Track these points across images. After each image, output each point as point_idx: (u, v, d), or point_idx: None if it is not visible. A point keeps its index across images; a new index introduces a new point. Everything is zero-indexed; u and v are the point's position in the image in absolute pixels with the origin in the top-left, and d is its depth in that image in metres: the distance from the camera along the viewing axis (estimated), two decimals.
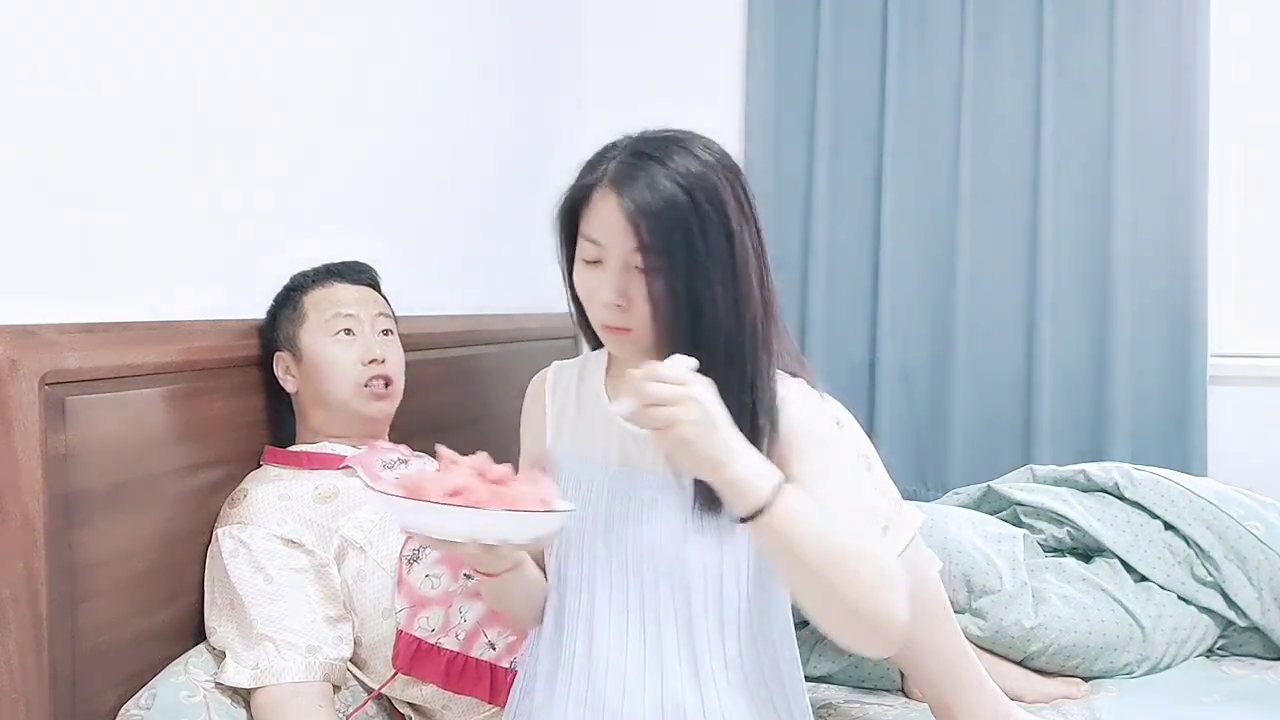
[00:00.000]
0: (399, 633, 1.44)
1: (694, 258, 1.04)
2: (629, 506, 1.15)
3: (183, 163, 1.50)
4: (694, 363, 1.00)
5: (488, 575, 1.16)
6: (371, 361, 1.57)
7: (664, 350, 1.06)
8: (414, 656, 1.43)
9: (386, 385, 1.59)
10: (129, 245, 1.40)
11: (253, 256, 1.64)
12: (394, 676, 1.44)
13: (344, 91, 1.92)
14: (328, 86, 1.86)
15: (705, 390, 0.98)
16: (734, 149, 3.31)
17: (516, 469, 1.10)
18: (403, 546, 1.47)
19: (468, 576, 1.47)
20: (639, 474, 1.15)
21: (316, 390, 1.56)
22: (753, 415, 1.06)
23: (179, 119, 1.49)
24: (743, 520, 0.99)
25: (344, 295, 1.61)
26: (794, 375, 1.15)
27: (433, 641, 1.43)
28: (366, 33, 2.01)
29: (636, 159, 1.08)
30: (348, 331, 1.57)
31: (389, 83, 2.08)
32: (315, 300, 1.59)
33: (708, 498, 1.07)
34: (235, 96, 1.61)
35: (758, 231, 1.11)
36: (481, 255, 2.48)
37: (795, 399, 1.12)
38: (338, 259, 1.66)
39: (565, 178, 1.28)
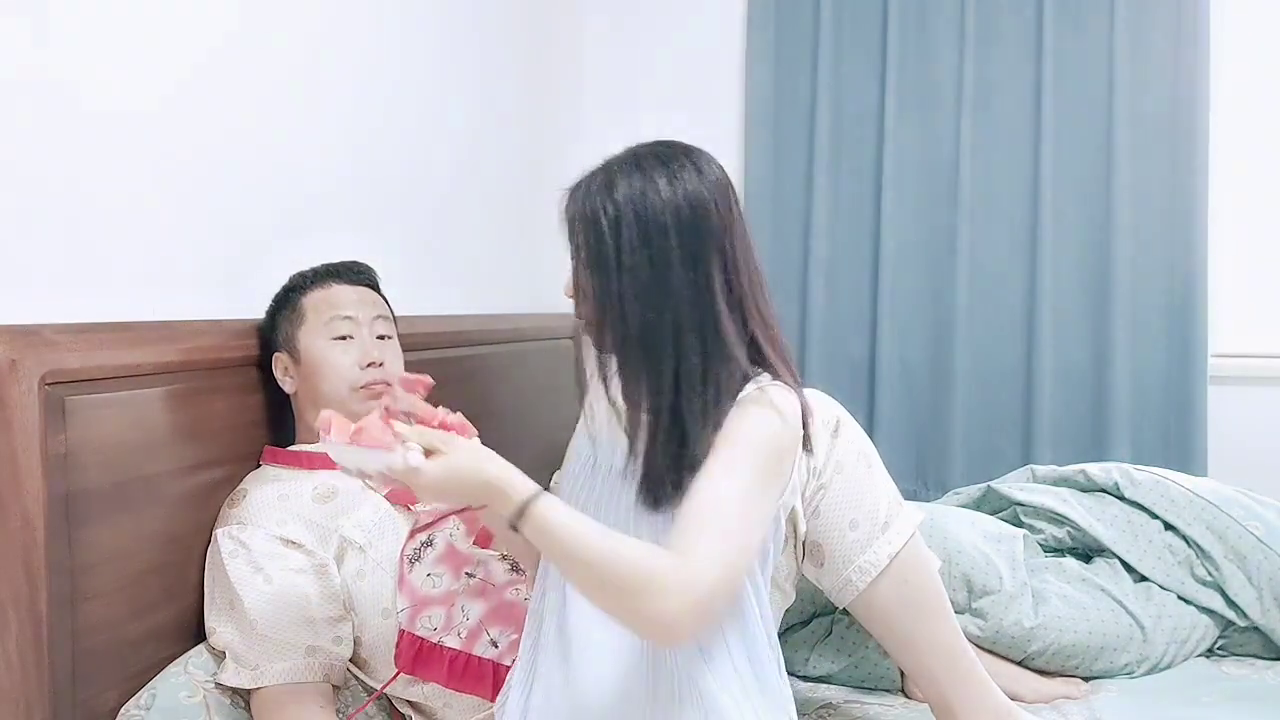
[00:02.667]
0: (401, 632, 1.44)
1: (603, 260, 1.15)
2: (607, 479, 1.22)
3: (182, 162, 1.50)
4: (418, 450, 1.08)
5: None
6: (369, 365, 1.57)
7: (598, 339, 1.20)
8: (416, 656, 1.43)
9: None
10: (129, 245, 1.40)
11: (252, 256, 1.64)
12: (396, 676, 1.44)
13: (345, 92, 1.92)
14: (329, 87, 1.86)
15: (429, 475, 1.07)
16: (734, 150, 3.31)
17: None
18: (404, 546, 1.47)
19: (469, 575, 1.48)
20: (619, 446, 1.20)
21: (314, 392, 1.56)
22: (674, 405, 1.14)
23: (178, 118, 1.49)
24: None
25: (342, 297, 1.61)
26: (774, 381, 1.18)
27: (435, 640, 1.43)
28: (368, 35, 2.01)
29: (593, 171, 1.20)
30: (346, 335, 1.57)
31: (390, 84, 2.08)
32: (314, 301, 1.59)
33: (650, 478, 1.15)
34: (236, 96, 1.61)
35: (703, 241, 1.14)
36: (481, 255, 2.48)
37: (747, 405, 1.14)
38: (337, 259, 1.66)
39: (566, 178, 1.29)
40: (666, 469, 1.14)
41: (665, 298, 1.13)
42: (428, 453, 1.08)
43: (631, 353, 1.16)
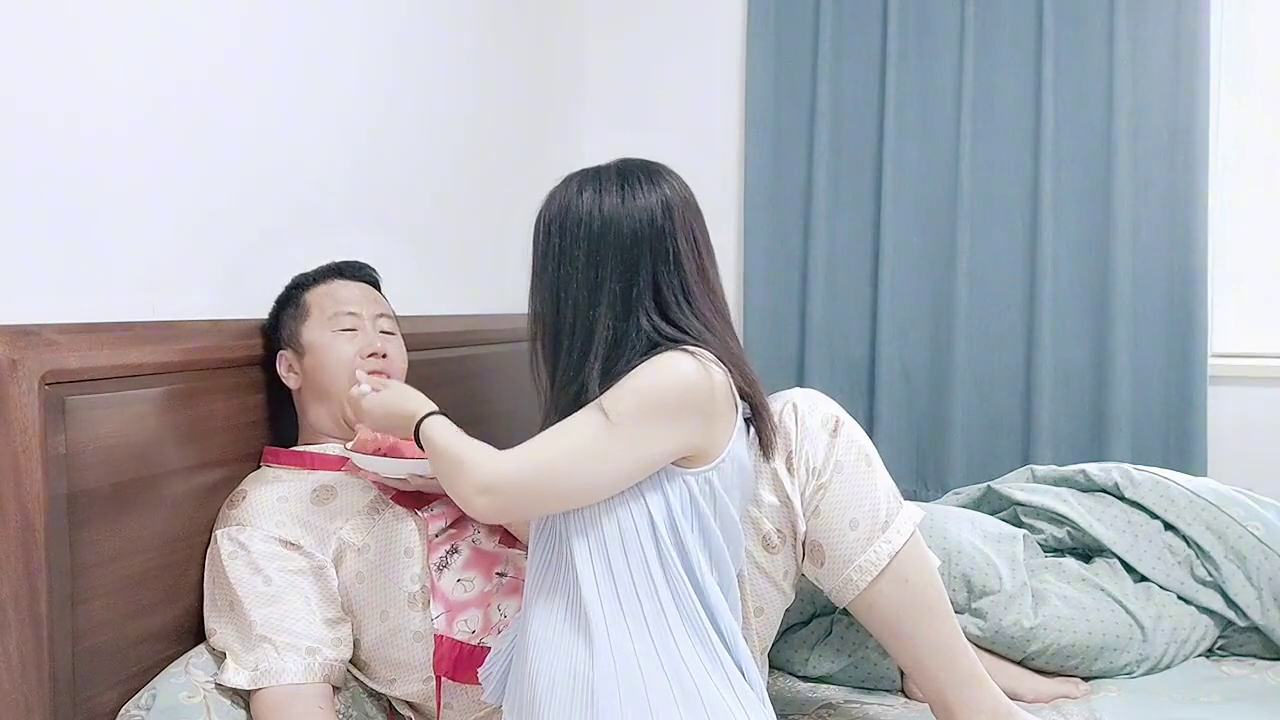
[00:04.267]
0: (438, 638, 1.43)
1: (532, 260, 1.35)
2: None
3: (182, 162, 1.50)
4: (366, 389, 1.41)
5: None
6: (372, 355, 1.57)
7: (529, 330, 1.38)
8: (457, 660, 1.43)
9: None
10: (129, 245, 1.40)
11: (252, 256, 1.64)
12: (440, 682, 1.44)
13: (346, 94, 1.92)
14: (330, 88, 1.86)
15: (367, 402, 1.38)
16: (734, 149, 3.30)
17: None
18: (428, 556, 1.47)
19: (500, 575, 1.48)
20: None
21: (317, 384, 1.56)
22: (579, 367, 1.27)
23: (179, 118, 1.49)
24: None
25: (346, 293, 1.61)
26: (687, 352, 1.25)
27: (474, 642, 1.43)
28: (370, 35, 2.01)
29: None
30: (350, 329, 1.58)
31: (391, 85, 2.08)
32: (318, 297, 1.60)
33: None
34: (236, 97, 1.61)
35: (606, 250, 1.27)
36: (481, 255, 2.48)
37: (640, 369, 1.24)
38: (338, 259, 1.66)
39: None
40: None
41: (567, 295, 1.29)
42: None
43: (542, 342, 1.32)
